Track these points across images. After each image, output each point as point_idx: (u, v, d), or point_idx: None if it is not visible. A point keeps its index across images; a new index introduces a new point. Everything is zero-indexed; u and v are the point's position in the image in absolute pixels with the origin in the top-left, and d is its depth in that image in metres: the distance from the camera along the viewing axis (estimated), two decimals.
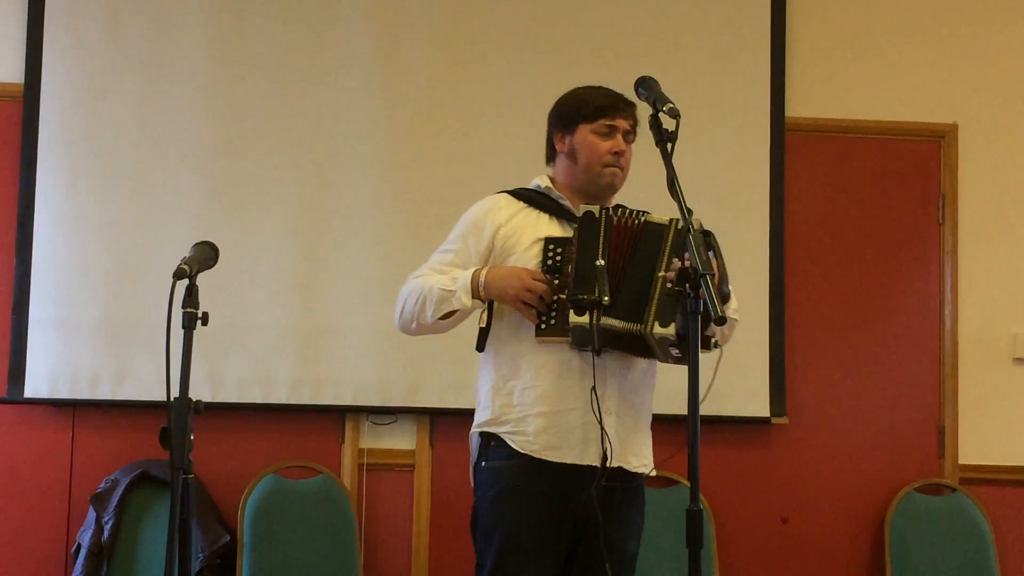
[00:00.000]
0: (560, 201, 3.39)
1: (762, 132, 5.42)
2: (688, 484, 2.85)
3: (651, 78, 3.25)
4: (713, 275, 2.87)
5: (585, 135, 3.38)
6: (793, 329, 5.41)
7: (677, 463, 5.04)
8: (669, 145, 3.08)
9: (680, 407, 4.39)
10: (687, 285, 2.88)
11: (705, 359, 3.07)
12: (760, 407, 5.32)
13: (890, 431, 5.46)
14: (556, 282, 3.22)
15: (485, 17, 5.37)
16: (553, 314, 3.21)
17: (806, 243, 5.48)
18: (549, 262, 3.24)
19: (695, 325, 2.88)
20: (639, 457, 3.38)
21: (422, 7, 5.34)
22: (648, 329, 3.14)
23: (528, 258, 3.30)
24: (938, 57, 5.62)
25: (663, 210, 3.25)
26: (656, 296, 3.16)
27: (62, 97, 5.19)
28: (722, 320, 2.80)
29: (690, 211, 2.98)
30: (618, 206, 3.39)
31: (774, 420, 5.33)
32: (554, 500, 3.26)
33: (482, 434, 3.36)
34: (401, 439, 5.23)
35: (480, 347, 3.40)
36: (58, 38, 5.20)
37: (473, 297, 3.25)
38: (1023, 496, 5.47)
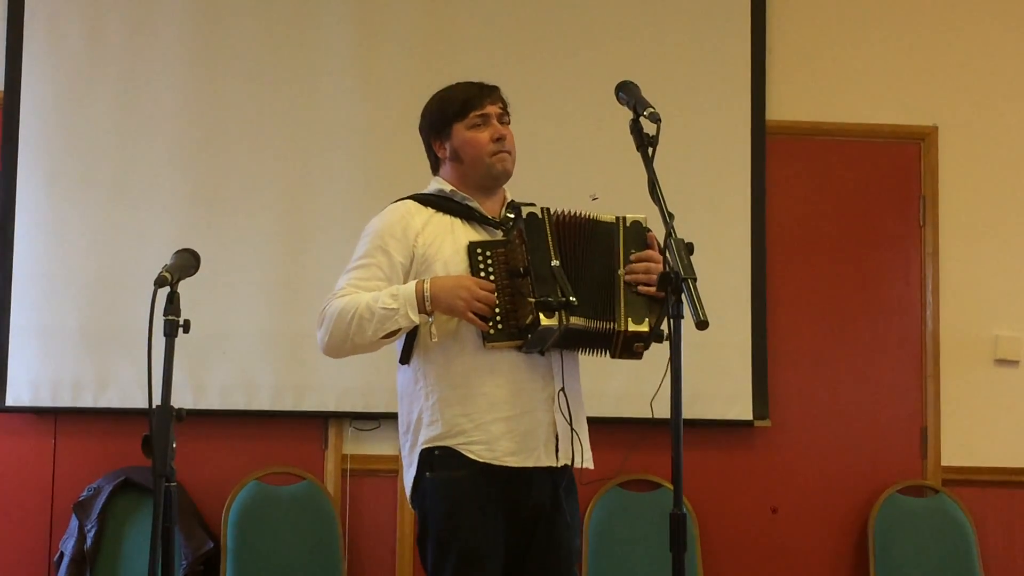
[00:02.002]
0: (468, 203, 3.33)
1: (743, 135, 5.43)
2: (671, 488, 2.84)
3: (631, 82, 3.22)
4: (696, 279, 2.85)
5: (462, 133, 3.34)
6: (775, 332, 5.41)
7: (660, 466, 5.09)
8: (650, 149, 3.06)
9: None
10: (668, 289, 2.87)
11: (657, 359, 3.08)
12: (743, 410, 5.33)
13: (873, 433, 5.47)
14: (496, 286, 3.16)
15: (465, 22, 5.38)
16: (499, 319, 3.15)
17: (788, 246, 5.49)
18: (481, 267, 3.19)
19: (677, 328, 2.87)
20: (581, 452, 3.32)
21: (401, 13, 5.34)
22: (622, 327, 3.14)
23: (455, 264, 3.22)
24: (918, 60, 5.64)
25: (645, 214, 3.23)
26: (621, 294, 3.16)
27: (42, 103, 5.18)
28: (704, 324, 2.79)
29: (672, 215, 2.96)
30: (513, 202, 3.36)
31: (757, 423, 5.34)
32: (507, 505, 3.21)
33: (424, 449, 3.23)
34: (384, 444, 5.22)
35: (405, 359, 3.29)
36: (38, 44, 5.19)
37: (420, 312, 3.14)
38: (1005, 497, 5.49)
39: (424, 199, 3.37)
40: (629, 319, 3.14)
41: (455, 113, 3.35)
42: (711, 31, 5.47)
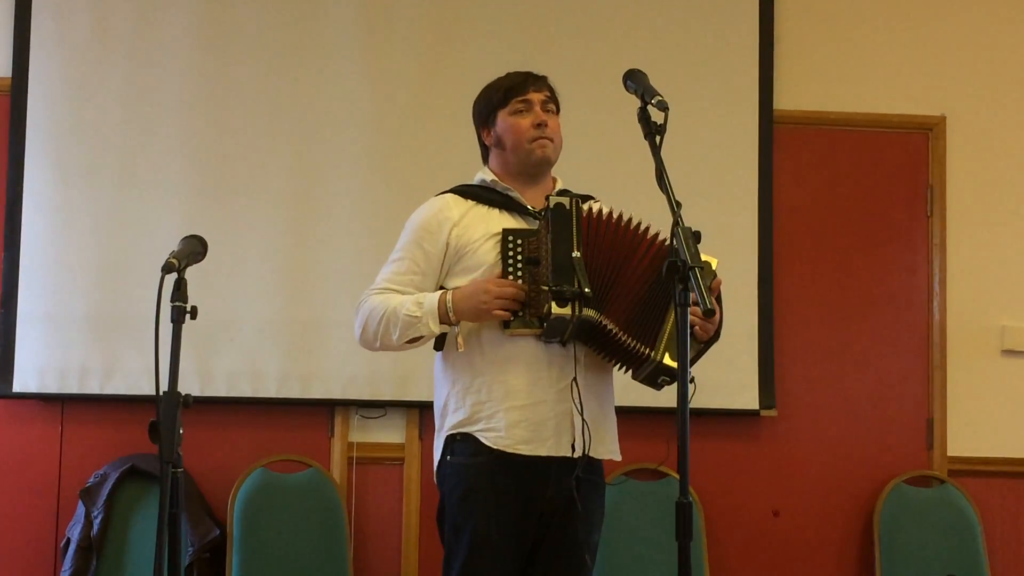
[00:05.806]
0: (508, 193, 3.39)
1: (750, 125, 5.42)
2: (677, 477, 2.84)
3: (639, 71, 3.23)
4: (703, 268, 2.85)
5: (505, 119, 3.41)
6: (782, 321, 5.41)
7: (665, 455, 5.08)
8: (657, 138, 3.07)
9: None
10: (675, 277, 2.87)
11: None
12: (749, 399, 5.32)
13: (879, 423, 5.47)
14: (520, 275, 3.21)
15: (473, 13, 5.37)
16: (520, 307, 3.21)
17: (795, 236, 5.48)
18: (510, 254, 3.23)
19: (684, 317, 2.87)
20: (605, 444, 3.37)
21: (409, 3, 5.33)
22: (657, 358, 3.18)
23: (484, 252, 3.29)
24: (926, 49, 5.63)
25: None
26: (669, 326, 3.18)
27: (50, 91, 5.18)
28: (711, 312, 2.81)
29: (679, 204, 2.97)
30: (565, 191, 3.43)
31: (763, 412, 5.34)
32: (522, 495, 3.25)
33: (449, 435, 3.33)
34: (390, 432, 5.23)
35: (439, 346, 3.38)
36: (46, 32, 5.19)
37: (442, 323, 3.23)
38: (1011, 488, 5.49)
39: (465, 191, 3.44)
40: (667, 353, 3.16)
41: (499, 100, 3.43)
42: (719, 20, 5.46)
